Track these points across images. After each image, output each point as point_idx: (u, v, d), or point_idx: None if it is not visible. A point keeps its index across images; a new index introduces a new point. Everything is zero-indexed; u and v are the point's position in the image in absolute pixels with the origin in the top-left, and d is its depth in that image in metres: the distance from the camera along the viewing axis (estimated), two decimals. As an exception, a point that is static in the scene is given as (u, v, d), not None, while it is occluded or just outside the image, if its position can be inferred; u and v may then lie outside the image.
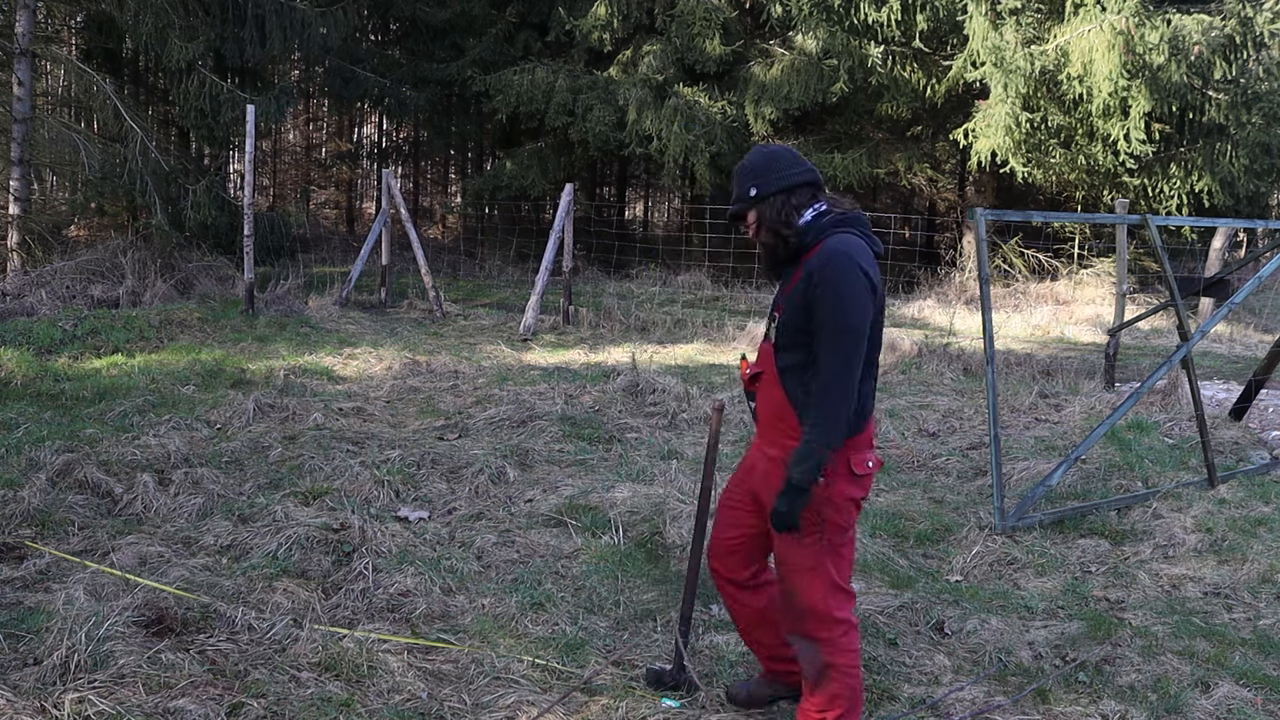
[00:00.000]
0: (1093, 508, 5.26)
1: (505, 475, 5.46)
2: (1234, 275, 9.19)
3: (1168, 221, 6.47)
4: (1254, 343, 12.45)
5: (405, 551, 4.35)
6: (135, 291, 10.86)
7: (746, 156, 2.86)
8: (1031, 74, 13.00)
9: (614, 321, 11.23)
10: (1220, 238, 12.81)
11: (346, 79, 17.35)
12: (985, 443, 6.36)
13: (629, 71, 16.73)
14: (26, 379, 7.03)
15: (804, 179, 2.75)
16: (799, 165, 2.77)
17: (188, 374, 7.48)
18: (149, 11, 12.51)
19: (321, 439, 5.89)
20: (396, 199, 11.90)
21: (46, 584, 3.84)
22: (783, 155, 2.79)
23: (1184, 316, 5.81)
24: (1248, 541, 4.81)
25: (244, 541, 4.34)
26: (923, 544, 4.81)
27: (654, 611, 3.95)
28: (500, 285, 15.17)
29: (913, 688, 3.44)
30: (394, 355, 8.70)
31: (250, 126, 10.37)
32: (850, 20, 14.77)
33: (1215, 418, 6.81)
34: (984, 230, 5.14)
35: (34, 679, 3.07)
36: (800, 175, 2.75)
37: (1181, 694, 3.40)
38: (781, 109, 15.77)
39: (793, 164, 2.77)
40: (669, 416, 6.83)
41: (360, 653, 3.36)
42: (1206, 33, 12.61)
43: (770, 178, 2.75)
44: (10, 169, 12.07)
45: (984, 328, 5.08)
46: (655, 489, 5.17)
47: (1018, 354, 10.06)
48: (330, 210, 25.26)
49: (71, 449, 5.37)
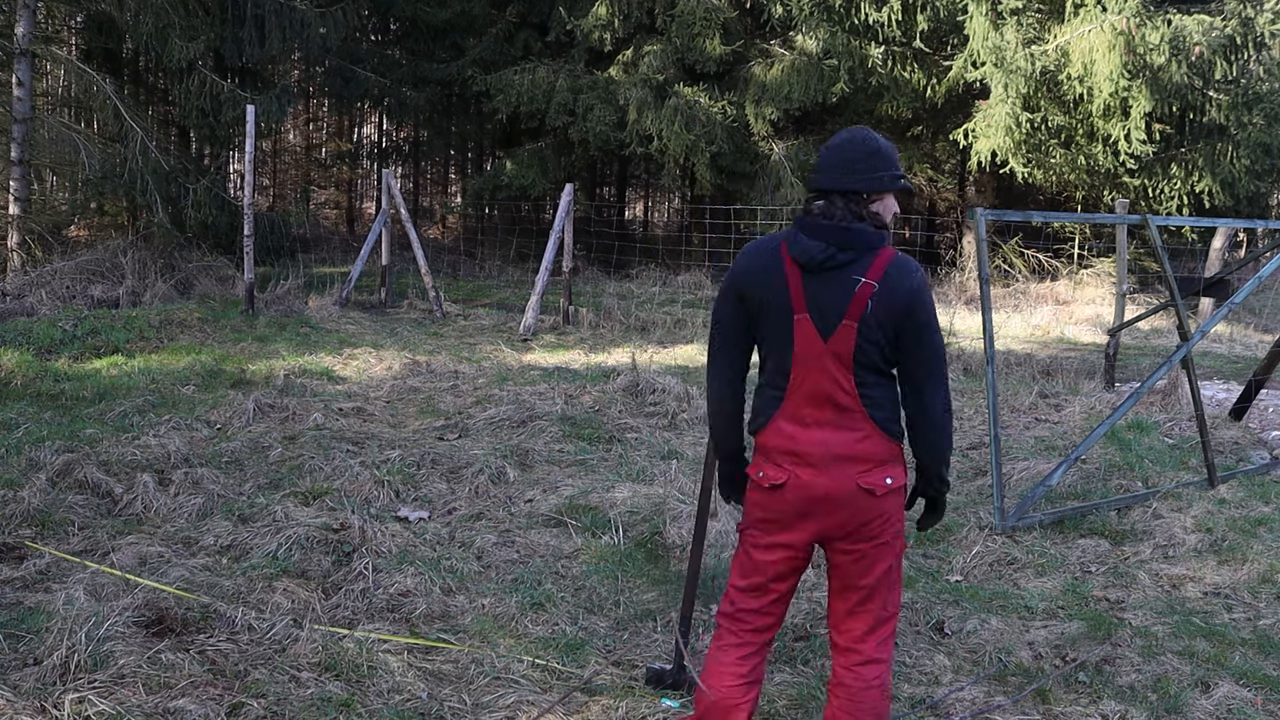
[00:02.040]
0: (1093, 508, 5.26)
1: (505, 475, 5.46)
2: (1234, 275, 9.19)
3: (1168, 222, 6.48)
4: (1254, 343, 12.44)
5: (405, 551, 4.35)
6: (135, 291, 10.86)
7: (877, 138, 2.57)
8: (1032, 74, 13.00)
9: (614, 321, 11.23)
10: (1220, 238, 12.81)
11: (346, 79, 17.35)
12: (985, 443, 6.36)
13: (629, 71, 16.73)
14: (26, 379, 7.03)
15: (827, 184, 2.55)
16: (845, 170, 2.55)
17: (188, 374, 7.48)
18: (149, 11, 12.50)
19: (321, 439, 5.89)
20: (396, 199, 11.90)
21: (46, 584, 3.83)
22: (849, 155, 2.55)
23: (1184, 316, 5.81)
24: (1248, 541, 4.81)
25: (244, 541, 4.34)
26: (923, 544, 4.81)
27: (654, 611, 3.95)
28: (500, 285, 15.17)
29: (913, 688, 3.44)
30: (394, 355, 8.70)
31: (250, 126, 10.37)
32: (851, 20, 14.77)
33: (1215, 418, 6.81)
34: (984, 230, 5.14)
35: (34, 679, 3.06)
36: (826, 181, 2.56)
37: (1181, 694, 3.40)
38: (782, 109, 15.78)
39: (839, 167, 2.55)
40: (669, 416, 6.83)
41: (360, 653, 3.36)
42: (1207, 33, 12.62)
43: (820, 174, 2.56)
44: (10, 169, 12.06)
45: (984, 328, 5.08)
46: (655, 489, 5.17)
47: (1018, 354, 10.06)
48: (330, 210, 25.25)
49: (71, 449, 5.37)
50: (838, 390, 2.48)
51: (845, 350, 2.46)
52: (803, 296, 2.48)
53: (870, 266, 2.46)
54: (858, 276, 2.45)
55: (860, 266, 2.46)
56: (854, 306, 2.44)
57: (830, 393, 2.48)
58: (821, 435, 2.49)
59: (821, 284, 2.47)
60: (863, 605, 2.59)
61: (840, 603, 2.62)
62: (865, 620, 2.60)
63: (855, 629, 2.60)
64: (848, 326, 2.45)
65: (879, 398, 2.50)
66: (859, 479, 2.48)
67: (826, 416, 2.49)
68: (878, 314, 2.44)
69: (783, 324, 2.50)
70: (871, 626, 2.60)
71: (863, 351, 2.46)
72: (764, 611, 2.65)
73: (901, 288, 2.45)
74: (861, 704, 2.59)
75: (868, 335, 2.45)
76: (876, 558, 2.56)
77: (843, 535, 2.53)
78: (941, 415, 2.53)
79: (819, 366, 2.48)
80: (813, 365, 2.48)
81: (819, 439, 2.49)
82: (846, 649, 2.62)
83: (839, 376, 2.47)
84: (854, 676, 2.60)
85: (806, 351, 2.48)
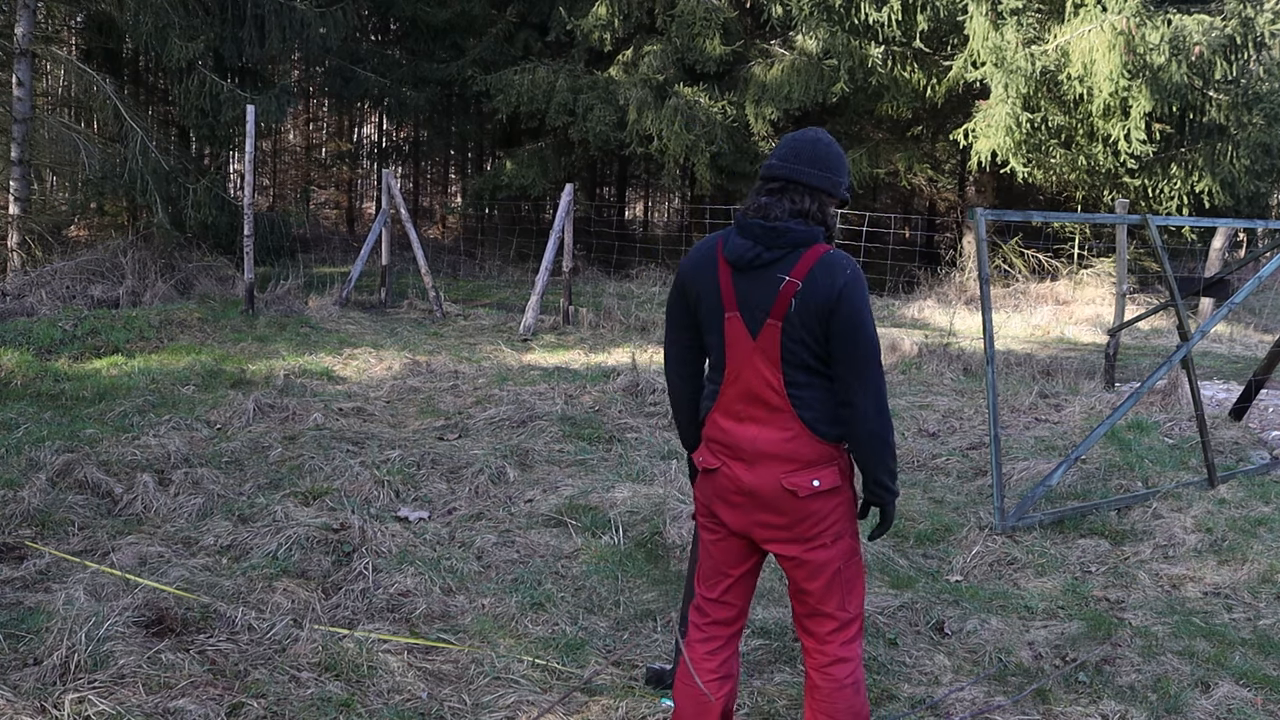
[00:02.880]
0: (1093, 508, 5.26)
1: (505, 475, 5.47)
2: (1234, 275, 9.19)
3: (1168, 222, 6.47)
4: (1254, 343, 12.45)
5: (405, 551, 4.35)
6: (135, 291, 10.86)
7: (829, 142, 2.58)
8: (1032, 74, 13.00)
9: (614, 321, 11.23)
10: (1220, 238, 12.82)
11: (346, 79, 17.36)
12: (985, 443, 6.36)
13: (629, 71, 16.73)
14: (26, 379, 7.03)
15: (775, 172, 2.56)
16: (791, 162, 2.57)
17: (188, 374, 7.48)
18: (149, 11, 12.50)
19: (321, 439, 5.89)
20: (396, 199, 11.90)
21: (46, 584, 3.84)
22: (800, 148, 2.57)
23: (1184, 316, 5.81)
24: (1248, 541, 4.81)
25: (244, 541, 4.35)
26: (923, 544, 4.81)
27: (654, 611, 3.95)
28: (500, 285, 15.17)
29: (913, 688, 3.44)
30: (394, 355, 8.71)
31: (250, 126, 10.37)
32: (851, 20, 14.77)
33: (1215, 418, 6.81)
34: (984, 230, 5.14)
35: (34, 679, 3.06)
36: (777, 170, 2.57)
37: (1181, 694, 3.40)
38: (782, 109, 15.77)
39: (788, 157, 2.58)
40: (669, 416, 6.83)
41: (360, 653, 3.36)
42: (1207, 33, 12.62)
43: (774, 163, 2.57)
44: (10, 169, 12.07)
45: (984, 328, 5.08)
46: (655, 489, 5.17)
47: (1018, 354, 10.06)
48: (330, 210, 25.26)
49: (71, 449, 5.37)
50: (766, 389, 2.47)
51: (772, 349, 2.44)
52: (733, 295, 2.48)
53: (796, 265, 2.42)
54: (782, 275, 2.43)
55: (786, 265, 2.43)
56: (778, 305, 2.42)
57: (759, 391, 2.48)
58: (752, 431, 2.49)
59: (750, 282, 2.47)
60: (819, 608, 2.59)
61: (799, 606, 2.63)
62: (825, 623, 2.59)
63: (818, 631, 2.61)
64: (772, 325, 2.43)
65: (808, 398, 2.46)
66: (783, 479, 2.46)
67: (757, 414, 2.49)
68: (801, 313, 2.40)
69: (716, 321, 2.52)
70: (833, 629, 2.59)
71: (789, 350, 2.43)
72: (722, 601, 2.67)
73: (826, 286, 2.39)
74: (836, 704, 2.59)
75: (791, 334, 2.42)
76: (817, 562, 2.53)
77: (775, 537, 2.52)
78: (874, 418, 2.43)
79: (749, 364, 2.48)
80: (744, 363, 2.49)
81: (750, 435, 2.50)
82: (814, 651, 2.62)
83: (768, 375, 2.46)
84: (825, 678, 2.60)
85: (737, 349, 2.49)
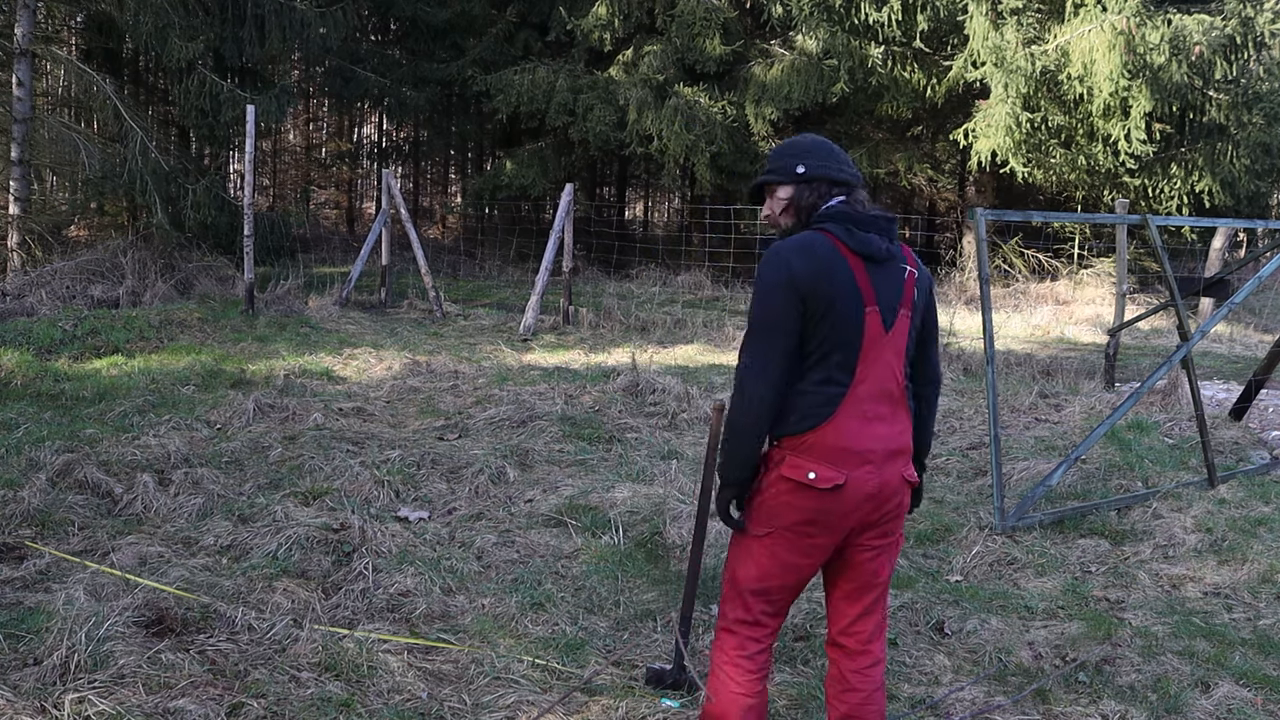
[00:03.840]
0: (1093, 508, 5.26)
1: (505, 475, 5.46)
2: (1234, 275, 9.19)
3: (1168, 221, 6.47)
4: (1254, 343, 12.45)
5: (405, 551, 4.35)
6: (135, 291, 10.86)
7: (800, 138, 2.68)
8: (1032, 74, 13.00)
9: (614, 321, 11.23)
10: (1220, 238, 12.82)
11: (346, 79, 17.35)
12: (985, 443, 6.36)
13: (629, 71, 16.73)
14: (26, 379, 7.03)
15: (849, 177, 2.61)
16: (849, 164, 2.64)
17: (188, 374, 7.48)
18: (149, 11, 12.50)
19: (321, 439, 5.89)
20: (396, 199, 11.90)
21: (46, 584, 3.83)
22: (837, 150, 2.66)
23: (1184, 316, 5.81)
24: (1248, 541, 4.81)
25: (244, 541, 4.34)
26: (923, 544, 4.81)
27: (654, 611, 3.95)
28: (500, 285, 15.17)
29: (913, 688, 3.44)
30: (394, 355, 8.70)
31: (250, 126, 10.37)
32: (851, 20, 14.77)
33: (1215, 418, 6.81)
34: (984, 230, 5.14)
35: (34, 679, 3.06)
36: (848, 173, 2.61)
37: (1181, 694, 3.40)
38: (782, 109, 15.78)
39: (845, 161, 2.64)
40: (669, 416, 6.83)
41: (360, 653, 3.36)
42: (1207, 33, 12.62)
43: (827, 163, 2.59)
44: (10, 169, 12.06)
45: (984, 328, 5.08)
46: (655, 489, 5.17)
47: (1018, 354, 10.06)
48: (330, 210, 25.26)
49: (71, 449, 5.37)
50: (893, 382, 2.49)
51: (901, 340, 2.50)
52: (871, 289, 2.46)
53: (905, 255, 2.55)
54: (903, 265, 2.52)
55: (900, 256, 2.53)
56: (906, 295, 2.50)
57: (888, 386, 2.48)
58: (880, 430, 2.46)
59: (883, 275, 2.49)
60: (876, 603, 2.59)
61: (852, 605, 2.59)
62: (875, 619, 2.59)
63: (865, 630, 2.59)
64: (904, 316, 2.50)
65: (910, 388, 2.58)
66: (903, 471, 2.51)
67: (884, 411, 2.48)
68: (917, 301, 2.54)
69: (852, 319, 2.43)
70: (879, 625, 2.61)
71: (910, 340, 2.53)
72: (780, 613, 2.61)
73: (925, 273, 2.59)
74: (871, 706, 2.58)
75: (914, 323, 2.54)
76: (893, 551, 2.59)
77: (869, 531, 2.51)
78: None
79: (881, 360, 2.47)
80: (877, 358, 2.47)
81: (880, 434, 2.46)
82: (857, 652, 2.59)
83: (895, 368, 2.50)
84: (864, 680, 2.58)
85: (873, 345, 2.46)
